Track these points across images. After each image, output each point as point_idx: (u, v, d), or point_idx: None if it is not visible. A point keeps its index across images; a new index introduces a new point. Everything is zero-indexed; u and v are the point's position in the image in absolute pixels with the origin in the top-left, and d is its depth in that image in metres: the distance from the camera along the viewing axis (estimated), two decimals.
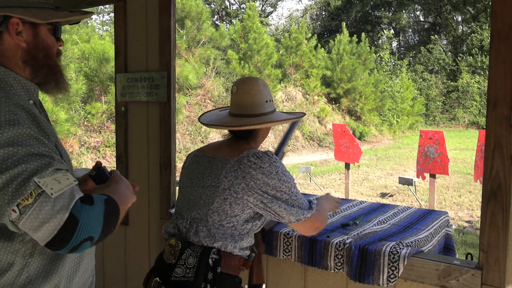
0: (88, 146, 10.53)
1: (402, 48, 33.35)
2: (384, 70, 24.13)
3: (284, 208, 1.47)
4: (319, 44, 19.95)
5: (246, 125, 1.54)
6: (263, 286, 1.66)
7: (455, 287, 1.59)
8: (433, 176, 6.40)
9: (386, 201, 8.03)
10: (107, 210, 1.02)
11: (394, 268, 1.69)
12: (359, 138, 17.63)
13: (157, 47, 2.44)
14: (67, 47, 9.95)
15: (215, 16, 28.82)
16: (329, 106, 18.88)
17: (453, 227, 6.10)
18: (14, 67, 1.14)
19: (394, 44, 32.66)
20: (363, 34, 20.61)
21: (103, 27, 22.87)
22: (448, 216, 2.41)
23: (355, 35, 20.30)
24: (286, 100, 17.46)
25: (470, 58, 26.12)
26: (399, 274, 1.67)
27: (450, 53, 29.14)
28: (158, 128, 2.47)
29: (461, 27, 30.80)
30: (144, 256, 2.57)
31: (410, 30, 34.66)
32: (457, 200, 8.09)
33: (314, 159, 14.31)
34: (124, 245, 2.68)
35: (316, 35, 20.66)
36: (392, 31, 30.85)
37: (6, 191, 0.93)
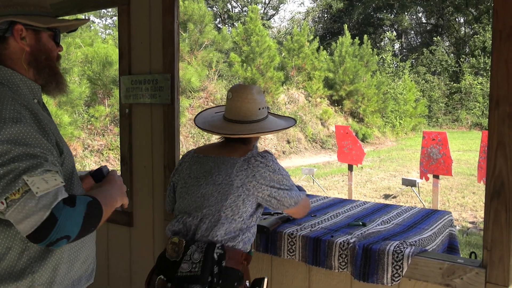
0: (92, 149, 10.56)
1: (404, 50, 33.34)
2: (387, 72, 24.13)
3: (286, 195, 1.67)
4: (321, 47, 19.98)
5: (237, 133, 1.68)
6: (265, 280, 1.69)
7: (459, 286, 1.60)
8: (436, 177, 6.39)
9: (390, 202, 8.02)
10: (88, 212, 1.11)
11: (398, 267, 1.69)
12: (362, 140, 17.62)
13: (160, 49, 2.46)
14: (70, 50, 10.00)
15: (218, 19, 28.91)
16: (331, 108, 18.89)
17: (457, 228, 6.09)
18: (19, 69, 1.26)
19: (397, 46, 32.68)
20: (365, 36, 20.63)
21: (106, 30, 22.97)
22: (451, 216, 2.41)
23: (357, 37, 20.31)
24: (288, 103, 17.47)
25: (472, 59, 26.09)
26: (403, 273, 1.68)
27: (452, 54, 29.12)
28: (162, 130, 2.48)
29: (463, 28, 30.78)
30: (148, 257, 2.58)
31: (412, 32, 34.66)
32: (460, 201, 8.07)
33: (317, 161, 14.31)
34: (129, 246, 2.70)
35: (318, 37, 20.70)
36: (394, 33, 30.82)
37: None
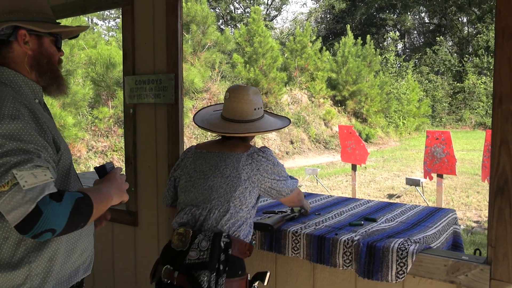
0: (96, 151, 10.59)
1: (407, 50, 33.28)
2: (390, 72, 24.09)
3: (283, 185, 1.80)
4: (324, 47, 19.95)
5: (234, 132, 1.78)
6: (267, 275, 1.74)
7: (464, 283, 1.60)
8: (440, 176, 6.38)
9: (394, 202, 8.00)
10: (75, 208, 1.14)
11: (402, 264, 1.70)
12: (365, 140, 17.59)
13: (164, 50, 2.47)
14: (74, 52, 10.04)
15: (220, 21, 28.94)
16: (334, 109, 18.87)
17: (461, 227, 6.07)
18: (22, 71, 1.34)
19: (400, 46, 32.61)
20: (368, 37, 20.61)
21: (109, 33, 23.02)
22: (455, 213, 2.41)
23: (360, 38, 20.30)
24: (291, 103, 17.47)
25: (476, 59, 26.02)
26: (408, 270, 1.68)
27: (456, 54, 29.05)
28: (166, 130, 2.49)
29: (466, 28, 30.70)
30: (153, 256, 2.58)
31: (415, 32, 34.60)
32: (465, 200, 8.05)
33: (321, 161, 14.30)
34: (134, 245, 2.71)
35: (321, 38, 20.70)
36: (397, 33, 30.77)
37: None
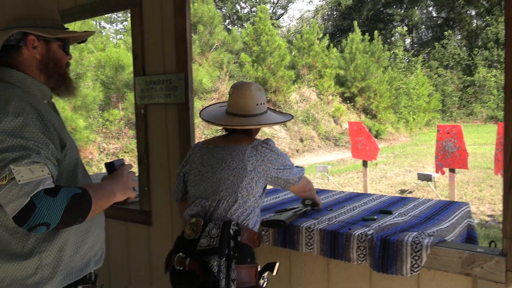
0: (107, 153, 10.68)
1: (415, 45, 33.03)
2: (399, 67, 23.92)
3: (289, 173, 1.86)
4: (332, 44, 19.89)
5: (235, 125, 1.85)
6: (276, 265, 1.77)
7: (480, 275, 1.59)
8: (452, 170, 6.34)
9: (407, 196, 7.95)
10: (70, 203, 1.19)
11: (417, 257, 1.69)
12: (375, 136, 17.49)
13: (173, 50, 2.49)
14: (83, 55, 10.13)
15: (227, 20, 28.96)
16: (343, 106, 18.81)
17: (475, 221, 6.02)
18: (32, 74, 1.42)
19: (408, 41, 32.37)
20: (376, 32, 20.48)
21: (117, 36, 23.14)
22: (469, 207, 2.39)
23: (367, 34, 20.18)
24: (300, 101, 17.45)
25: (486, 52, 25.73)
26: (423, 263, 1.68)
27: (465, 47, 28.75)
28: (177, 129, 2.51)
29: (475, 21, 30.38)
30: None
31: (423, 27, 34.31)
32: (478, 194, 7.98)
33: (331, 158, 14.26)
34: (148, 244, 2.73)
35: (328, 35, 20.61)
36: (405, 28, 30.53)
37: None
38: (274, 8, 32.56)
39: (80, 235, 1.43)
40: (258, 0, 29.87)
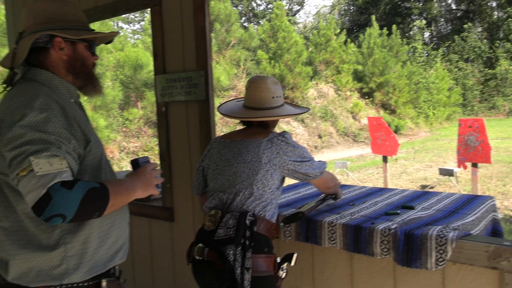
0: (128, 151, 10.82)
1: (434, 38, 32.51)
2: (418, 61, 23.60)
3: (309, 166, 1.85)
4: (349, 39, 19.73)
5: (251, 117, 1.87)
6: (294, 256, 1.79)
7: (507, 268, 1.57)
8: (475, 165, 6.24)
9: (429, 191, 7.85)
10: (86, 196, 1.23)
11: (442, 251, 1.67)
12: (395, 132, 17.29)
13: (193, 47, 2.51)
14: (102, 55, 10.28)
15: (243, 18, 28.97)
16: (362, 101, 18.65)
17: (499, 216, 5.92)
18: (59, 74, 1.49)
19: (427, 34, 31.89)
20: (394, 26, 20.25)
21: (135, 35, 23.36)
22: (494, 200, 2.35)
23: (385, 28, 19.95)
24: (318, 97, 17.37)
25: (508, 44, 25.19)
26: (448, 257, 1.66)
27: (485, 40, 28.18)
28: (198, 126, 2.53)
29: (496, 12, 29.74)
30: None
31: (442, 19, 33.75)
32: (501, 189, 7.84)
33: (350, 154, 14.17)
34: (171, 241, 2.76)
35: (345, 30, 20.45)
36: (423, 21, 30.06)
37: (13, 162, 1.24)
38: (290, 5, 32.45)
39: (104, 229, 1.46)
40: None
